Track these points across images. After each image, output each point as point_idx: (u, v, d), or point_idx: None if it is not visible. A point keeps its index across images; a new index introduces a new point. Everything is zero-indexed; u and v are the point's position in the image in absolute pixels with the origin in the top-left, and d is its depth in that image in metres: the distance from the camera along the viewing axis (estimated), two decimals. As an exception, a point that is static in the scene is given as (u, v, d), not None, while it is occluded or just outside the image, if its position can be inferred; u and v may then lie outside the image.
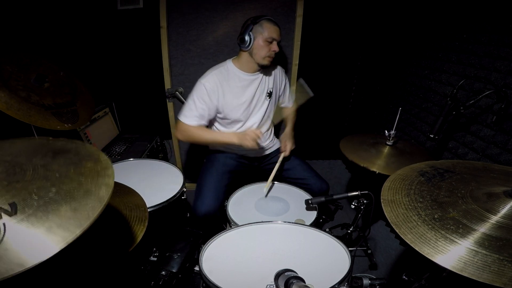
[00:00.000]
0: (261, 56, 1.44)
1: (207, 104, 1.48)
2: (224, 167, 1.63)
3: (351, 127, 2.40)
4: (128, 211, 0.94)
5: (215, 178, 1.56)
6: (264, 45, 1.42)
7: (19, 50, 1.25)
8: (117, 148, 1.98)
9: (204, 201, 1.45)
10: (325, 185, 1.63)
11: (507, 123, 1.11)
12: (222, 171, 1.60)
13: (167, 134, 2.34)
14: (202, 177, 1.59)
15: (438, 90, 1.50)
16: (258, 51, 1.43)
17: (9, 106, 1.04)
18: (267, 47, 1.42)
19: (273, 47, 1.43)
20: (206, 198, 1.46)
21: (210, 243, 1.00)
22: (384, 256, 1.76)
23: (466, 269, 0.54)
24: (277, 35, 1.43)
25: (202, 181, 1.57)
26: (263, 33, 1.41)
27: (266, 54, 1.43)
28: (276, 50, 1.44)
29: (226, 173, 1.60)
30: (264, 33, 1.41)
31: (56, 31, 1.80)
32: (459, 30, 1.37)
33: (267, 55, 1.44)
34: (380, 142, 1.40)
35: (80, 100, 1.37)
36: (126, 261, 0.95)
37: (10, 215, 0.48)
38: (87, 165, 0.64)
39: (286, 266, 0.83)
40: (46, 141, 0.73)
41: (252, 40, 1.42)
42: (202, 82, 1.47)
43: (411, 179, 0.80)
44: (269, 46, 1.43)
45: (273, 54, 1.45)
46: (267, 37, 1.40)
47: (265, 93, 1.61)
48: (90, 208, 0.52)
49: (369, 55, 2.12)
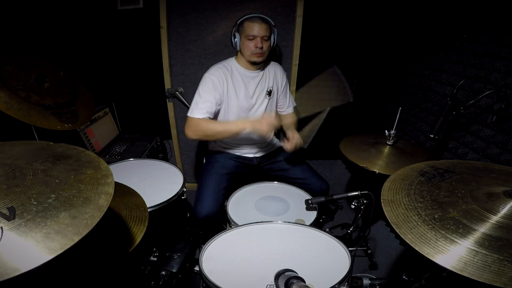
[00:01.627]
0: (247, 53, 1.48)
1: (214, 96, 1.48)
2: (224, 169, 1.63)
3: (351, 127, 2.40)
4: (128, 211, 0.94)
5: (214, 180, 1.56)
6: (248, 43, 1.45)
7: (19, 50, 1.25)
8: (117, 148, 1.98)
9: (204, 204, 1.46)
10: (325, 185, 1.63)
11: (507, 123, 1.11)
12: (221, 173, 1.60)
13: (167, 134, 2.34)
14: (202, 179, 1.60)
15: (438, 90, 1.50)
16: (243, 50, 1.48)
17: (9, 106, 1.04)
18: (250, 44, 1.45)
19: (256, 44, 1.44)
20: (206, 201, 1.47)
21: (210, 243, 1.00)
22: (384, 256, 1.76)
23: (466, 269, 0.53)
24: (258, 31, 1.43)
25: (202, 184, 1.57)
26: (244, 31, 1.45)
27: (251, 51, 1.46)
28: (258, 45, 1.44)
29: (225, 175, 1.61)
30: (245, 31, 1.45)
31: (56, 31, 1.80)
32: (459, 30, 1.37)
33: (252, 52, 1.46)
34: (380, 142, 1.40)
35: (80, 100, 1.37)
36: (126, 261, 0.94)
37: (8, 220, 0.48)
38: (87, 172, 0.64)
39: (286, 266, 0.83)
40: (47, 146, 0.73)
41: (238, 40, 1.48)
42: (208, 75, 1.50)
43: (411, 179, 0.80)
44: (252, 43, 1.44)
45: (259, 50, 1.45)
46: (247, 35, 1.44)
47: (265, 91, 1.61)
48: (89, 216, 0.52)
49: (369, 55, 2.12)
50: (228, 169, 1.64)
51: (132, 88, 2.21)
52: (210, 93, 1.48)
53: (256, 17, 1.46)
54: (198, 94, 1.49)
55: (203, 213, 1.43)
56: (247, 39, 1.45)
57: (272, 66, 1.66)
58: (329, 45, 2.08)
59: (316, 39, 2.04)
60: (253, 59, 1.48)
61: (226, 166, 1.65)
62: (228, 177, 1.61)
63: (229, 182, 1.60)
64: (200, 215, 1.44)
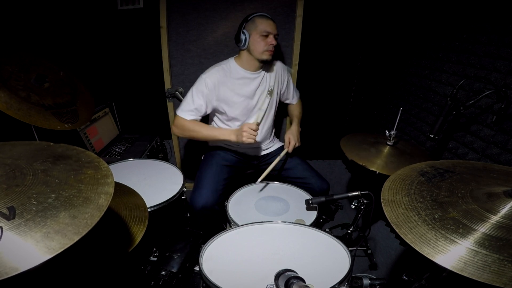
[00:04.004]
0: (259, 51, 1.45)
1: (206, 99, 1.48)
2: (224, 161, 1.63)
3: (351, 127, 2.40)
4: (128, 211, 0.94)
5: (214, 170, 1.55)
6: (260, 40, 1.43)
7: (19, 50, 1.25)
8: (117, 148, 1.98)
9: (202, 192, 1.44)
10: (325, 185, 1.63)
11: (507, 123, 1.11)
12: (221, 164, 1.60)
13: (167, 134, 2.34)
14: (201, 169, 1.59)
15: (438, 90, 1.50)
16: (255, 46, 1.45)
17: (9, 106, 1.04)
18: (263, 41, 1.43)
19: (269, 41, 1.43)
20: (204, 189, 1.45)
21: (210, 243, 1.00)
22: (384, 256, 1.76)
23: (466, 269, 0.53)
24: (272, 28, 1.43)
25: (200, 173, 1.56)
26: (256, 28, 1.42)
27: (264, 48, 1.44)
28: (273, 43, 1.44)
29: (226, 166, 1.60)
30: (258, 28, 1.42)
31: (56, 31, 1.80)
32: (459, 30, 1.37)
33: (265, 49, 1.44)
34: (381, 142, 1.40)
35: (80, 100, 1.37)
36: (126, 261, 0.94)
37: (8, 219, 0.48)
38: (87, 172, 0.64)
39: (286, 266, 0.83)
40: (47, 146, 0.73)
41: (247, 37, 1.44)
42: (203, 77, 1.49)
43: (411, 179, 0.80)
44: (265, 40, 1.43)
45: (272, 48, 1.45)
46: (261, 31, 1.42)
47: (266, 91, 1.61)
48: (89, 216, 0.52)
49: (369, 55, 2.12)
50: (228, 162, 1.64)
51: (132, 88, 2.21)
52: (201, 97, 1.48)
53: (267, 15, 1.45)
54: (191, 94, 1.49)
55: (201, 202, 1.41)
56: (261, 35, 1.42)
57: (272, 64, 1.64)
58: (329, 45, 2.08)
59: (316, 39, 2.04)
60: (264, 56, 1.46)
61: (227, 159, 1.65)
62: (228, 169, 1.60)
63: (229, 174, 1.59)
64: (198, 204, 1.41)
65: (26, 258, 0.44)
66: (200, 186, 1.48)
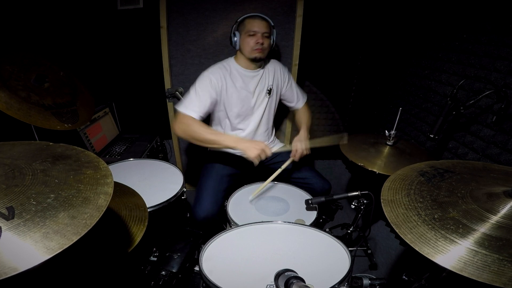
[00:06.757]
0: (248, 50, 1.47)
1: (210, 96, 1.47)
2: (224, 170, 1.62)
3: (351, 127, 2.40)
4: (128, 211, 0.94)
5: (214, 182, 1.55)
6: (249, 39, 1.46)
7: (19, 50, 1.25)
8: (117, 148, 1.98)
9: (203, 205, 1.45)
10: (327, 185, 1.63)
11: (507, 123, 1.11)
12: (221, 174, 1.60)
13: (167, 134, 2.34)
14: (202, 179, 1.59)
15: (438, 90, 1.50)
16: (244, 46, 1.48)
17: (9, 106, 1.04)
18: (251, 40, 1.45)
19: (256, 39, 1.45)
20: (205, 202, 1.46)
21: (210, 243, 1.00)
22: (384, 256, 1.76)
23: (466, 269, 0.53)
24: (259, 27, 1.45)
25: (201, 184, 1.56)
26: (244, 28, 1.47)
27: (251, 47, 1.46)
28: (260, 41, 1.45)
29: (226, 176, 1.60)
30: (246, 28, 1.46)
31: (56, 31, 1.80)
32: (459, 30, 1.37)
33: (253, 48, 1.46)
34: (381, 142, 1.40)
35: (80, 100, 1.37)
36: (126, 261, 0.94)
37: (7, 219, 0.48)
38: (86, 172, 0.64)
39: (286, 266, 0.83)
40: (46, 146, 0.73)
41: (238, 38, 1.49)
42: (207, 74, 1.49)
43: (411, 179, 0.80)
44: (253, 39, 1.45)
45: (259, 46, 1.46)
46: (248, 30, 1.45)
47: (265, 89, 1.61)
48: (88, 216, 0.52)
49: (369, 55, 2.12)
50: (228, 170, 1.64)
51: (132, 88, 2.21)
52: (207, 92, 1.46)
53: (256, 15, 1.48)
54: (195, 91, 1.46)
55: (202, 215, 1.43)
56: (248, 35, 1.45)
57: (272, 64, 1.65)
58: (329, 45, 2.08)
59: (316, 39, 2.04)
60: (253, 55, 1.48)
61: (227, 167, 1.64)
62: (228, 179, 1.61)
63: (229, 183, 1.60)
64: (199, 217, 1.43)
65: (25, 258, 0.44)
66: (200, 198, 1.49)
